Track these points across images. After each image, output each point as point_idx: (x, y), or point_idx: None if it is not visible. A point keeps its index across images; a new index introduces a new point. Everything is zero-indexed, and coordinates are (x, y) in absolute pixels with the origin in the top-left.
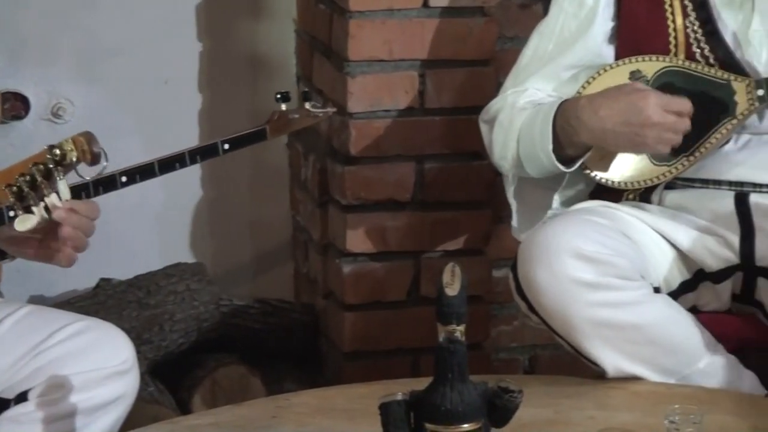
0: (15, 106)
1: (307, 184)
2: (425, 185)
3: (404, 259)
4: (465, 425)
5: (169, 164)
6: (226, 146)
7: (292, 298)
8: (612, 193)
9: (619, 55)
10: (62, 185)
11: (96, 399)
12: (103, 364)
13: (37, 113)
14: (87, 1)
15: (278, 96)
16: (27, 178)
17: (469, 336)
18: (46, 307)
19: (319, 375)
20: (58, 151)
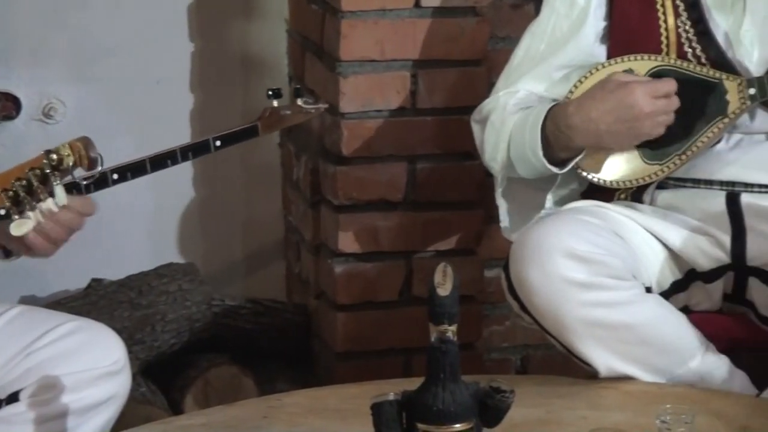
0: (6, 106)
1: (299, 184)
2: (417, 185)
3: (396, 259)
4: (457, 425)
5: (161, 161)
6: (218, 143)
7: (284, 298)
8: (604, 193)
9: (610, 55)
10: (59, 190)
11: (88, 399)
12: (95, 365)
13: (28, 113)
14: (78, 1)
15: (270, 92)
16: (23, 182)
17: (461, 336)
18: (37, 307)
19: (311, 375)
20: (55, 156)
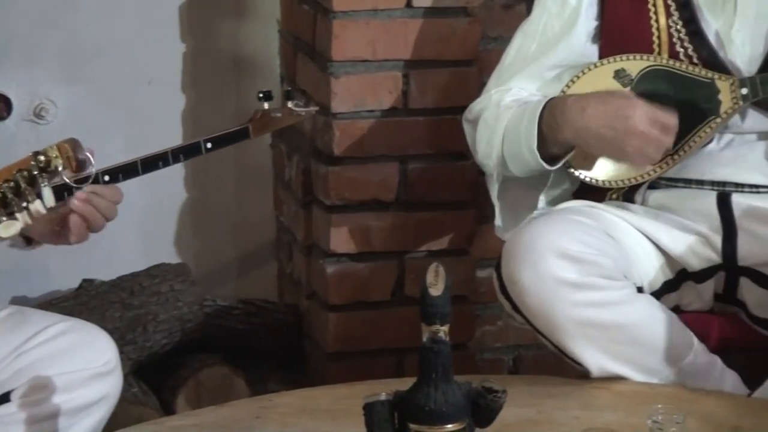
0: None
1: (290, 185)
2: (409, 185)
3: (388, 260)
4: (449, 425)
5: (152, 163)
6: (209, 145)
7: (275, 298)
8: (596, 193)
9: (602, 55)
10: (46, 191)
11: (79, 400)
12: (86, 365)
13: (19, 114)
14: (69, 1)
15: (261, 95)
16: (11, 184)
17: (453, 336)
18: (28, 308)
19: (303, 375)
20: (42, 158)
